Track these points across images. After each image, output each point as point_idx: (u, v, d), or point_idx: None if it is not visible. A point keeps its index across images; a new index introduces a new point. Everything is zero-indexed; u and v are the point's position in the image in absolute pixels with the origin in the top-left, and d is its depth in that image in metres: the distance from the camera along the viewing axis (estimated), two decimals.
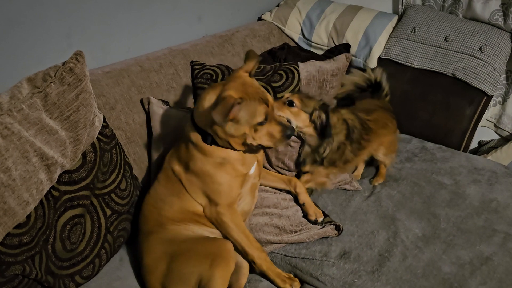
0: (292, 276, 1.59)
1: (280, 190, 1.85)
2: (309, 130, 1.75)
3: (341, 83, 2.06)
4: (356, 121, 1.87)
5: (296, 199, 1.80)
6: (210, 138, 1.50)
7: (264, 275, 1.58)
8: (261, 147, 1.51)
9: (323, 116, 1.71)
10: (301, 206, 1.77)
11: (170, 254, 1.45)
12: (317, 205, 1.79)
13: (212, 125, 1.46)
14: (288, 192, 1.84)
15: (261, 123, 1.44)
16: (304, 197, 1.77)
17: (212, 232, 1.59)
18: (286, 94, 1.77)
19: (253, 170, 1.60)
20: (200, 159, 1.52)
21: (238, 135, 1.45)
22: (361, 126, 1.88)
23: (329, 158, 1.80)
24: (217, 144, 1.51)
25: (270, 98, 1.49)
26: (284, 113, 1.70)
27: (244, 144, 1.49)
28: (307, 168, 1.84)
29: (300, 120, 1.72)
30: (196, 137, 1.51)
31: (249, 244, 1.53)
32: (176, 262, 1.42)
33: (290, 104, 1.71)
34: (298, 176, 1.88)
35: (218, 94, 1.42)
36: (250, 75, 1.51)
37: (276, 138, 1.48)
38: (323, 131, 1.73)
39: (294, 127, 1.67)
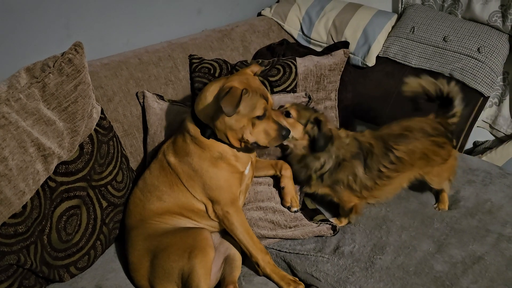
0: (297, 279, 1.56)
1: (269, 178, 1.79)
2: (303, 142, 1.69)
3: (405, 82, 1.80)
4: (379, 148, 1.68)
5: (278, 182, 1.74)
6: (208, 131, 1.51)
7: (268, 278, 1.56)
8: (257, 145, 1.52)
9: (316, 129, 1.65)
10: (281, 190, 1.73)
11: (152, 251, 1.46)
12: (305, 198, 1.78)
13: (214, 117, 1.48)
14: (274, 177, 1.77)
15: (259, 117, 1.47)
16: (286, 181, 1.72)
17: (195, 224, 1.58)
18: (286, 105, 1.74)
19: (247, 170, 1.62)
20: (197, 154, 1.53)
21: (237, 128, 1.47)
22: (385, 154, 1.68)
23: (333, 177, 1.68)
24: (215, 138, 1.52)
25: (270, 96, 1.52)
26: (281, 123, 1.58)
27: (241, 140, 1.50)
28: (312, 189, 1.73)
29: (296, 131, 1.67)
30: (195, 130, 1.53)
31: (253, 246, 1.54)
32: (158, 259, 1.43)
33: (287, 115, 1.67)
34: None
35: (221, 86, 1.45)
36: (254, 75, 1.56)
37: (271, 136, 1.50)
38: (313, 144, 1.66)
39: (290, 137, 1.64)
